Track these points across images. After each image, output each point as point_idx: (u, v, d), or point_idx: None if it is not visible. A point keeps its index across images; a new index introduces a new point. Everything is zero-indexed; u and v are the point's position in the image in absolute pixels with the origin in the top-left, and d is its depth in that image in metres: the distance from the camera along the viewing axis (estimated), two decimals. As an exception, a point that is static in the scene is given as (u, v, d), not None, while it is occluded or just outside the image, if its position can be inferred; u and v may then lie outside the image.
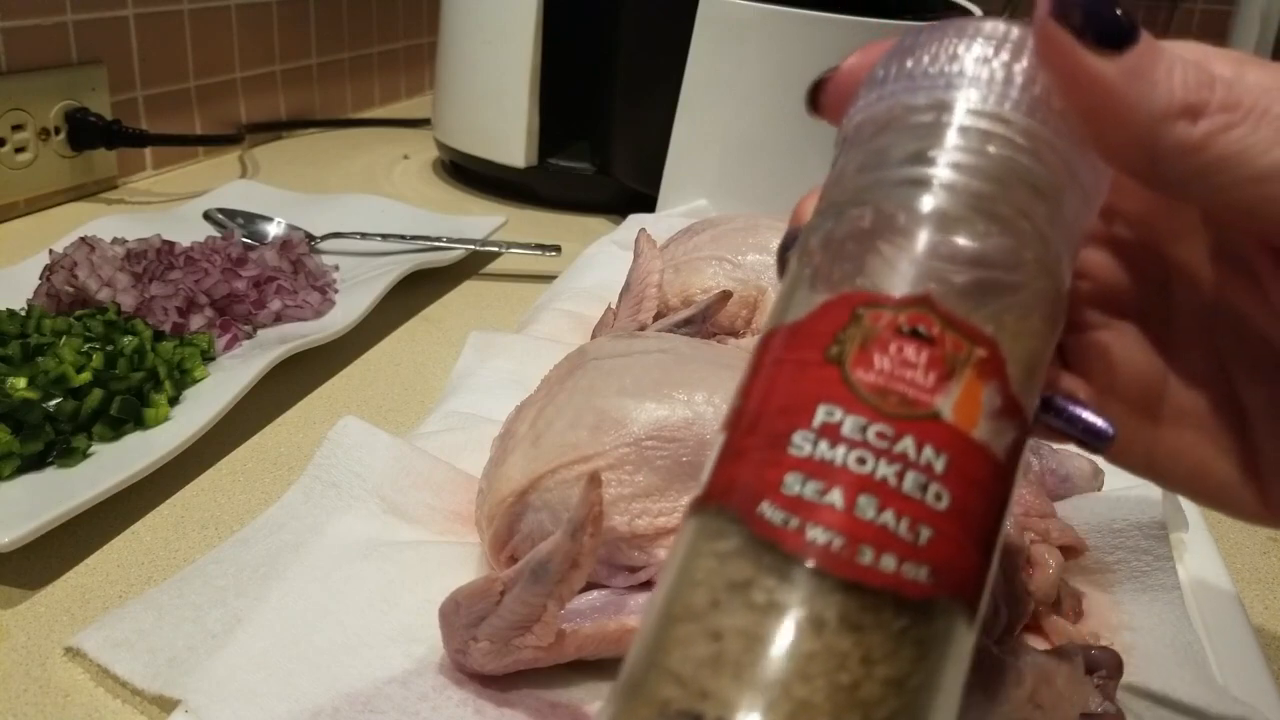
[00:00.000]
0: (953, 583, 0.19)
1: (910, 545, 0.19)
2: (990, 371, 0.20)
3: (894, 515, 0.19)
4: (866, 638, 0.18)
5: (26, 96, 0.76)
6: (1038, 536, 0.39)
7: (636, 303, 0.53)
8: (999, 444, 0.20)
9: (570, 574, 0.31)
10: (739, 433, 0.21)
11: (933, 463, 0.19)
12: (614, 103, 0.86)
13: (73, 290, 0.56)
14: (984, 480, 0.20)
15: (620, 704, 0.20)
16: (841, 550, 0.18)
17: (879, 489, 0.19)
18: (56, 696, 0.34)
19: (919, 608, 0.19)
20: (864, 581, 0.18)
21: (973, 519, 0.20)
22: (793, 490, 0.19)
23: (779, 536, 0.19)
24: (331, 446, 0.43)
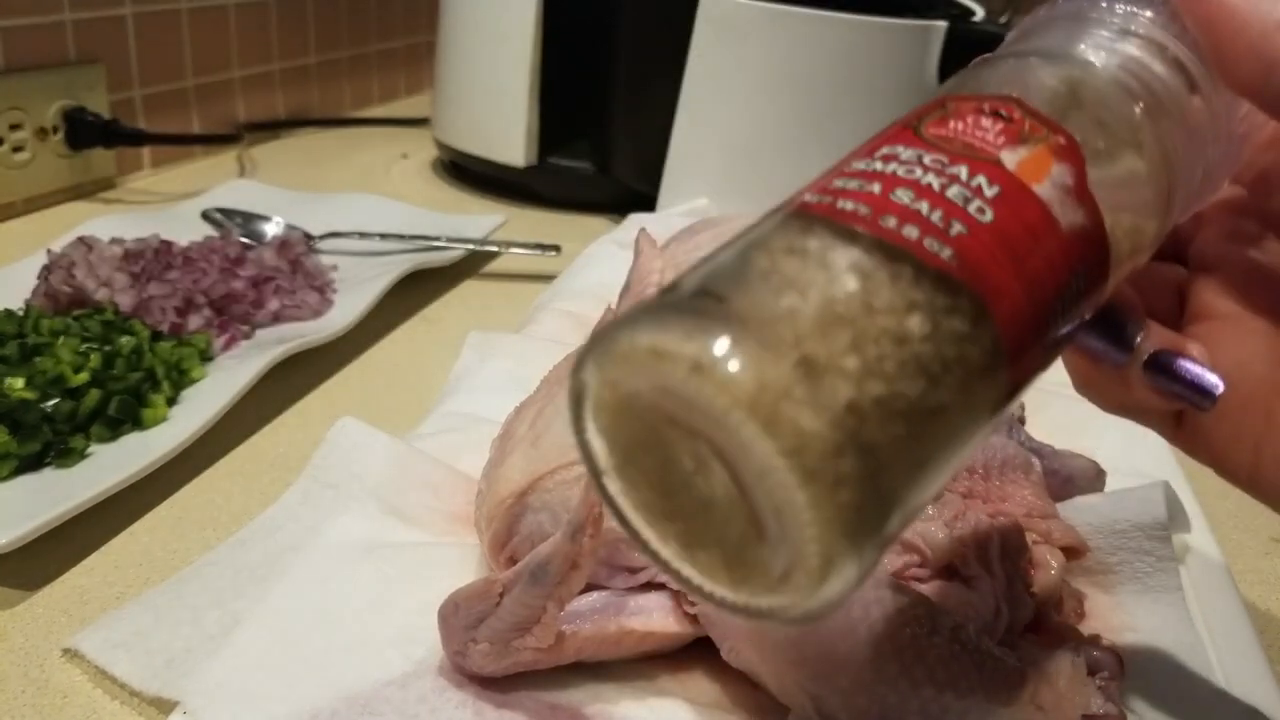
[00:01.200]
0: (981, 279, 0.19)
1: (938, 228, 0.19)
2: (1065, 156, 0.21)
3: (928, 205, 0.19)
4: (873, 286, 0.18)
5: (24, 96, 0.75)
6: (1040, 537, 0.38)
7: (636, 303, 0.53)
8: (1064, 214, 0.20)
9: (570, 575, 0.31)
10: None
11: (983, 188, 0.20)
12: (614, 102, 0.86)
13: (70, 290, 0.56)
14: (1038, 228, 0.20)
15: (642, 310, 0.19)
16: (866, 215, 0.19)
17: (919, 188, 0.20)
18: (55, 697, 0.33)
19: (937, 284, 0.19)
20: (881, 238, 0.19)
21: (1019, 249, 0.20)
22: (835, 184, 0.20)
23: (810, 208, 0.20)
24: (330, 447, 0.43)
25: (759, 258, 0.19)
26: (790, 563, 0.18)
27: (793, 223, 0.20)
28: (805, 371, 0.17)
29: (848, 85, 0.77)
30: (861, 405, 0.18)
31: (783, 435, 0.17)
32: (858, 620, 0.30)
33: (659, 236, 0.59)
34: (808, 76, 0.76)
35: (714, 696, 0.34)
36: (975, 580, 0.36)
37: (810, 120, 0.77)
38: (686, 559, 0.20)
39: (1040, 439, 0.45)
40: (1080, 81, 0.23)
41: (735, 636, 0.33)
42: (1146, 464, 0.49)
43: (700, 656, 0.35)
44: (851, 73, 0.76)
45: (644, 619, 0.34)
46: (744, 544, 0.19)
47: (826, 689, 0.30)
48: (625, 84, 0.85)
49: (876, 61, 0.77)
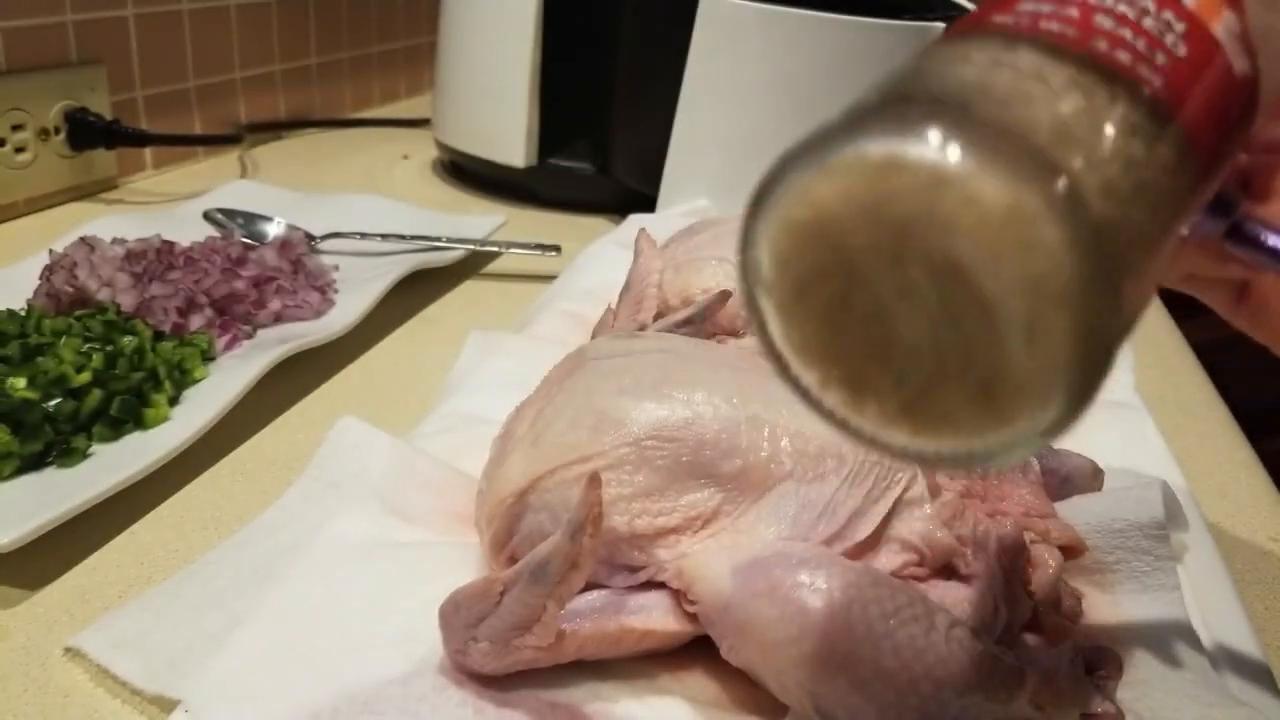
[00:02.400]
0: (1187, 113, 0.19)
1: (1145, 56, 0.19)
2: (1231, 2, 0.21)
3: (1132, 33, 0.19)
4: (1097, 105, 0.18)
5: (26, 96, 0.76)
6: (1038, 536, 0.38)
7: (636, 303, 0.53)
8: (1236, 59, 0.21)
9: (570, 575, 0.31)
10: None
11: (1172, 23, 0.20)
12: (614, 103, 0.86)
13: (72, 290, 0.56)
14: (1221, 69, 0.20)
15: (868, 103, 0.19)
16: (1075, 35, 0.19)
17: (1118, 15, 0.19)
18: (56, 697, 0.34)
19: (1152, 111, 0.18)
20: (1097, 59, 0.18)
21: (1209, 87, 0.20)
22: (1027, 8, 0.20)
23: (1010, 27, 0.19)
24: (331, 447, 0.43)
25: (966, 70, 0.18)
26: (1015, 395, 0.17)
27: (992, 40, 0.19)
28: (1058, 185, 0.17)
29: (847, 86, 0.77)
30: (1105, 227, 0.17)
31: (1038, 255, 0.16)
32: (856, 619, 0.30)
33: (659, 237, 0.59)
34: (808, 77, 0.76)
35: (713, 695, 0.34)
36: (973, 579, 0.36)
37: (810, 120, 0.77)
38: (854, 409, 0.19)
39: (1039, 438, 0.45)
40: None
41: (734, 635, 0.33)
42: (1145, 463, 0.49)
43: (700, 655, 0.35)
44: (851, 73, 0.77)
45: (644, 617, 0.34)
46: (934, 386, 0.18)
47: (825, 687, 0.30)
48: (625, 84, 0.85)
49: (876, 62, 0.77)
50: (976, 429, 0.18)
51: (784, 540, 0.34)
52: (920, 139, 0.16)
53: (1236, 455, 0.55)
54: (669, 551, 0.35)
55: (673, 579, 0.35)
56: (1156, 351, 0.68)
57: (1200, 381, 0.64)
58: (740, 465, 0.35)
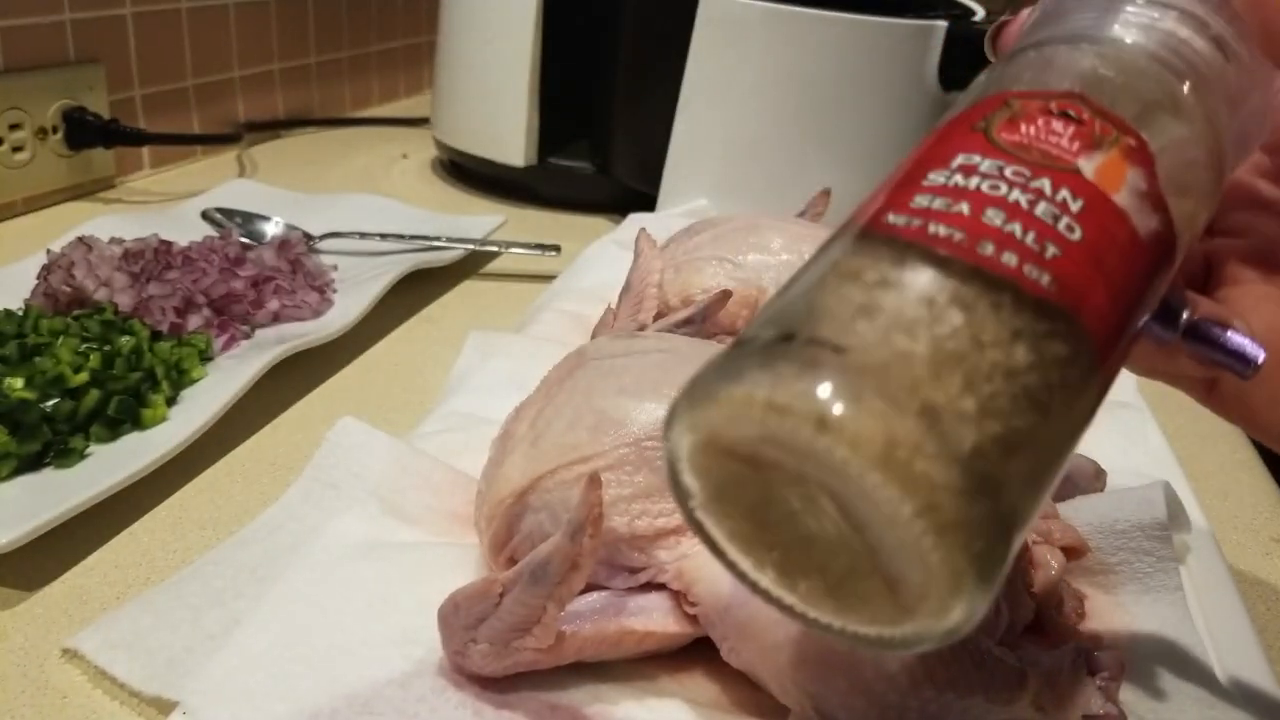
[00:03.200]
0: (1078, 302, 0.19)
1: (1035, 252, 0.19)
2: (1137, 159, 0.21)
3: (1021, 227, 0.19)
4: (979, 319, 0.18)
5: (24, 95, 0.75)
6: (1039, 537, 0.38)
7: (636, 303, 0.53)
8: (1142, 221, 0.20)
9: (570, 575, 0.31)
10: (877, 189, 0.21)
11: (1068, 202, 0.19)
12: (614, 102, 0.86)
13: (70, 290, 0.56)
14: (1122, 241, 0.20)
15: (730, 360, 0.19)
16: (961, 241, 0.19)
17: (1009, 207, 0.19)
18: (54, 698, 0.33)
19: (1039, 312, 0.18)
20: (981, 267, 0.18)
21: (1108, 265, 0.19)
22: (920, 204, 0.19)
23: (899, 231, 0.19)
24: (330, 447, 0.43)
25: (853, 292, 0.19)
26: (916, 600, 0.18)
27: (882, 250, 0.19)
28: (929, 421, 0.17)
29: (848, 85, 0.77)
30: (984, 448, 0.17)
31: (916, 491, 0.17)
32: (858, 620, 0.30)
33: (659, 236, 0.59)
34: (808, 76, 0.76)
35: (714, 696, 0.34)
36: (975, 580, 0.36)
37: (810, 120, 0.77)
38: (786, 587, 0.20)
39: (1040, 439, 0.45)
40: (1129, 66, 0.22)
41: (735, 637, 0.33)
42: (1146, 464, 0.49)
43: (700, 656, 0.35)
44: (851, 73, 0.76)
45: (644, 619, 0.34)
46: (851, 576, 0.19)
47: (826, 689, 0.30)
48: (625, 84, 0.85)
49: (876, 61, 0.77)
50: (891, 619, 0.19)
51: (785, 541, 0.34)
52: (795, 384, 0.18)
53: (1238, 456, 0.55)
54: (669, 553, 0.35)
55: (673, 580, 0.35)
56: (1157, 352, 0.67)
57: (1201, 382, 0.64)
58: (741, 466, 0.35)
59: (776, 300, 0.20)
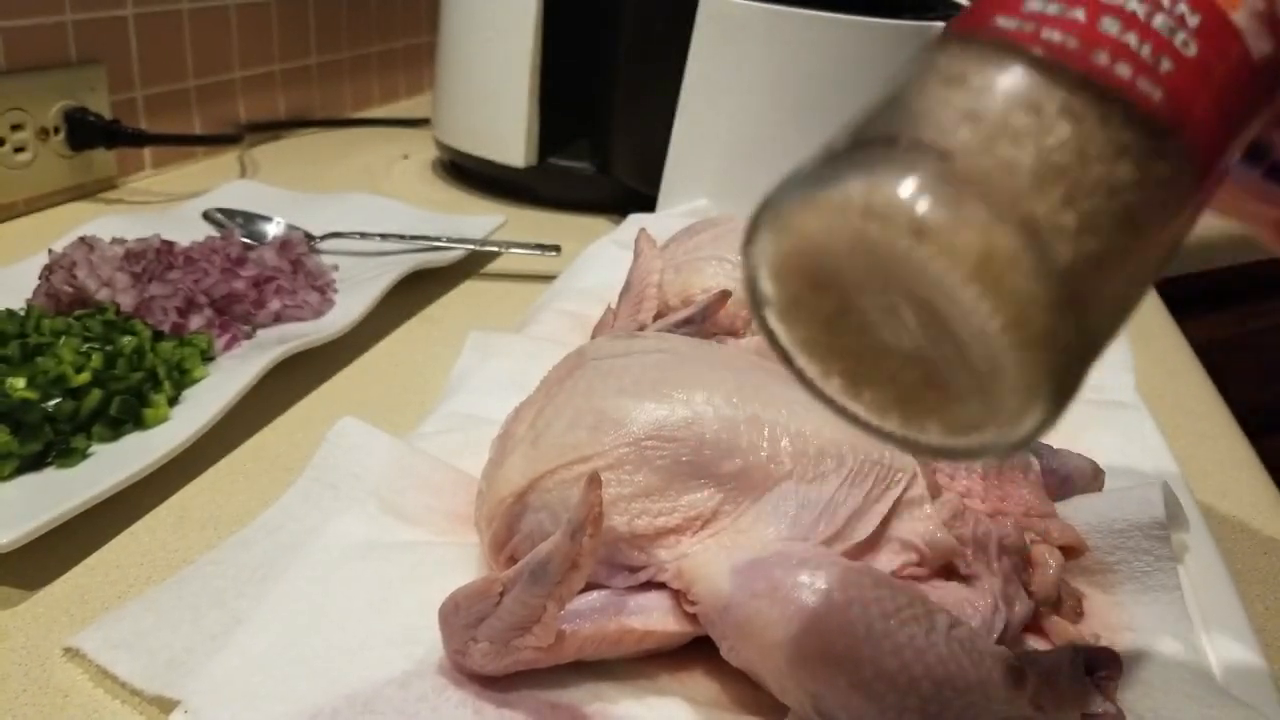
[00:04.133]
0: (1187, 121, 0.19)
1: (1149, 65, 0.18)
2: None
3: (1138, 38, 0.18)
4: (1086, 131, 0.18)
5: (25, 96, 0.76)
6: (1038, 537, 0.38)
7: (636, 303, 0.53)
8: (1257, 44, 0.20)
9: (570, 575, 0.31)
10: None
11: (1186, 16, 0.19)
12: (614, 103, 0.86)
13: (72, 290, 0.56)
14: (1234, 62, 0.19)
15: (820, 161, 0.19)
16: (1076, 48, 0.18)
17: (1126, 16, 0.19)
18: (55, 697, 0.34)
19: (1147, 128, 0.18)
20: (1094, 77, 0.18)
21: (1218, 86, 0.19)
22: (1033, 8, 0.19)
23: (1010, 35, 0.19)
24: (330, 447, 0.43)
25: (958, 97, 0.18)
26: (989, 413, 0.18)
27: (990, 54, 0.19)
28: (1029, 235, 0.17)
29: (848, 85, 0.77)
30: (1079, 265, 0.17)
31: (1008, 305, 0.17)
32: (856, 619, 0.30)
33: (659, 236, 0.59)
34: (808, 77, 0.76)
35: (713, 695, 0.34)
36: (974, 579, 0.36)
37: (810, 120, 0.77)
38: (851, 396, 0.20)
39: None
40: None
41: (734, 636, 0.33)
42: (1145, 464, 0.49)
43: (700, 655, 0.35)
44: (851, 73, 0.76)
45: (644, 618, 0.34)
46: (921, 388, 0.19)
47: (825, 688, 0.30)
48: (625, 84, 0.85)
49: (876, 62, 0.77)
50: (959, 429, 0.19)
51: (784, 540, 0.34)
52: (897, 189, 0.17)
53: (1236, 455, 0.55)
54: (669, 552, 0.35)
55: (673, 579, 0.35)
56: (1156, 351, 0.68)
57: (1200, 381, 0.64)
58: (740, 465, 0.35)
59: (870, 107, 0.20)
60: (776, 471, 0.35)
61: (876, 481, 0.36)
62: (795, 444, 0.36)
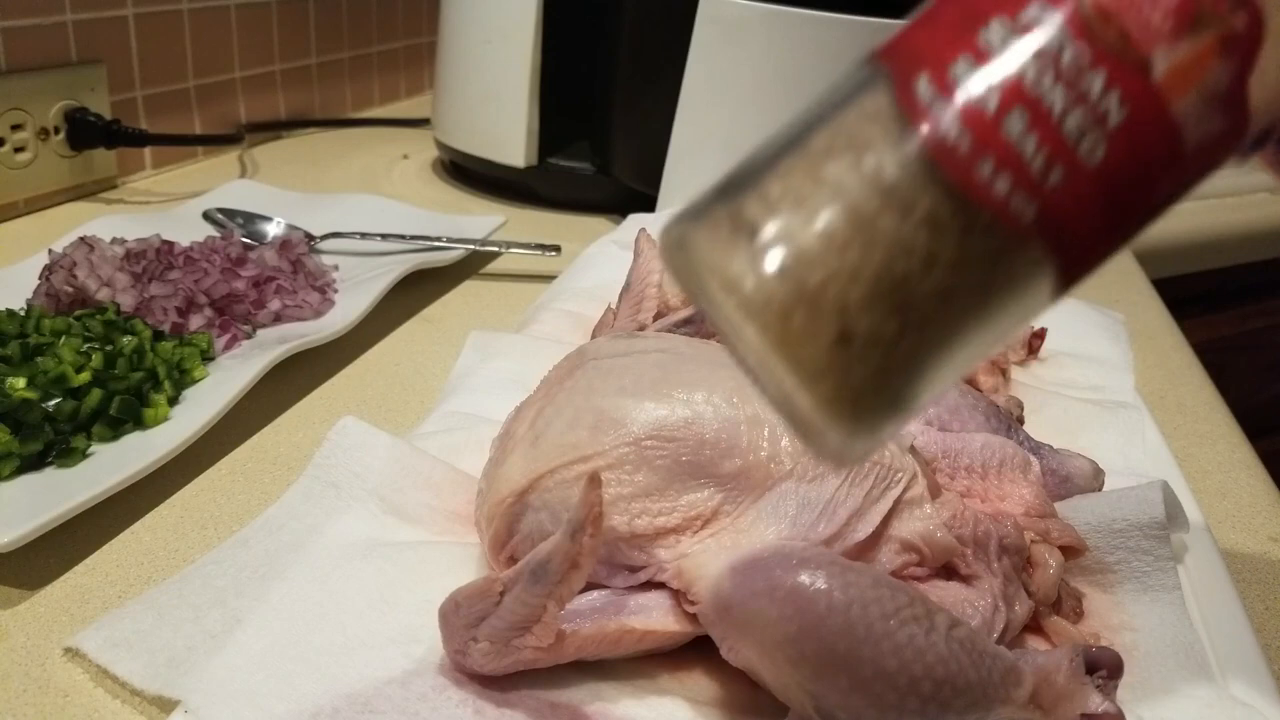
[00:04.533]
0: (1058, 237, 0.18)
1: (1033, 180, 0.18)
2: (1236, 48, 0.19)
3: (1035, 143, 0.18)
4: (942, 242, 0.18)
5: (26, 96, 0.76)
6: (1038, 536, 0.38)
7: (636, 303, 0.53)
8: (1195, 130, 0.19)
9: (570, 574, 0.31)
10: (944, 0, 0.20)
11: (1108, 114, 0.18)
12: (614, 103, 0.86)
13: (72, 290, 0.56)
14: (1154, 159, 0.18)
15: (707, 195, 0.20)
16: (964, 153, 0.18)
17: (1037, 111, 0.18)
18: (56, 697, 0.34)
19: (1008, 241, 0.18)
20: (968, 193, 0.18)
21: (1117, 192, 0.18)
22: (955, 74, 0.18)
23: (915, 115, 0.18)
24: (331, 447, 0.43)
25: (834, 169, 0.18)
26: (798, 428, 0.19)
27: (893, 126, 0.18)
28: (843, 341, 0.17)
29: (848, 85, 0.77)
30: (890, 365, 0.18)
31: (816, 389, 0.17)
32: (856, 619, 0.30)
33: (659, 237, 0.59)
34: (808, 76, 0.76)
35: (713, 695, 0.34)
36: (974, 579, 0.36)
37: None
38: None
39: (1039, 438, 0.45)
40: None
41: (734, 636, 0.33)
42: (1145, 464, 0.49)
43: (700, 655, 0.35)
44: (851, 73, 0.76)
45: (644, 618, 0.34)
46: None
47: (825, 688, 0.30)
48: (625, 84, 0.85)
49: (876, 62, 0.77)
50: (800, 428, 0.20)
51: (784, 540, 0.34)
52: (730, 255, 0.18)
53: (1236, 455, 0.55)
54: (669, 551, 0.35)
55: (673, 579, 0.35)
56: (1156, 351, 0.68)
57: (1200, 381, 0.64)
58: (740, 465, 0.35)
59: (772, 139, 0.20)
60: (776, 471, 0.35)
61: (876, 481, 0.36)
62: (795, 443, 0.36)
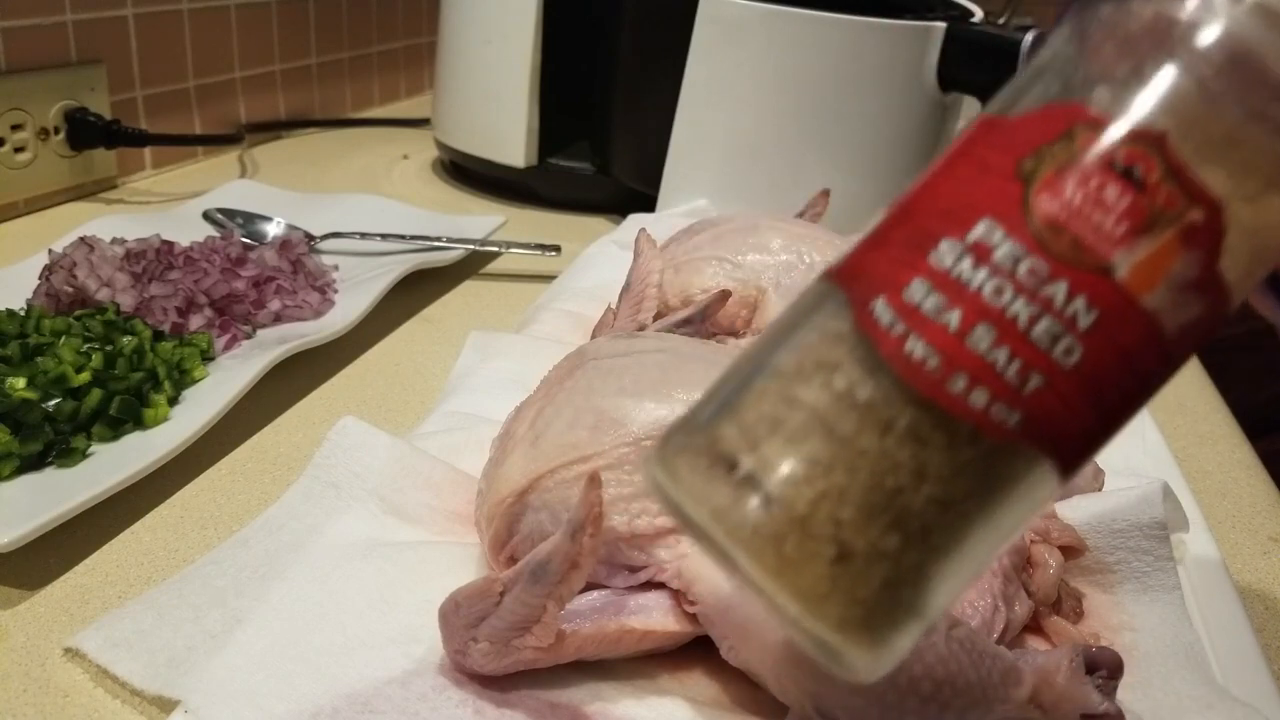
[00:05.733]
0: (1047, 438, 0.18)
1: (1010, 389, 0.17)
2: (1198, 239, 0.18)
3: (1007, 354, 0.17)
4: (927, 454, 0.17)
5: (26, 96, 0.76)
6: (1038, 536, 0.38)
7: (636, 303, 0.53)
8: (1173, 318, 0.18)
9: (570, 575, 0.31)
10: (893, 218, 0.19)
11: (1078, 317, 0.17)
12: (614, 103, 0.86)
13: (72, 290, 0.56)
14: (1134, 350, 0.18)
15: (680, 426, 0.20)
16: (934, 370, 0.17)
17: (1003, 325, 0.17)
18: (56, 697, 0.34)
19: (996, 448, 0.17)
20: (944, 408, 0.17)
21: (1103, 385, 0.18)
22: (912, 298, 0.18)
23: (879, 337, 0.18)
24: (331, 447, 0.43)
25: (810, 394, 0.18)
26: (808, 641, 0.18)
27: (858, 352, 0.18)
28: (841, 561, 0.17)
29: (847, 86, 0.77)
30: (897, 578, 0.17)
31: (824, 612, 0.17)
32: (856, 619, 0.30)
33: (659, 237, 0.59)
34: (807, 77, 0.76)
35: (713, 695, 0.34)
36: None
37: (809, 121, 0.77)
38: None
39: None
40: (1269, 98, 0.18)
41: (734, 636, 0.33)
42: (1145, 464, 0.49)
43: (700, 655, 0.35)
44: (851, 73, 0.77)
45: (644, 618, 0.34)
46: None
47: (825, 688, 0.30)
48: (625, 84, 0.85)
49: (876, 62, 0.77)
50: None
51: (784, 540, 0.34)
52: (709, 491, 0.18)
53: (1236, 455, 0.55)
54: (669, 551, 0.35)
55: (673, 579, 0.35)
56: (1156, 352, 0.68)
57: (1200, 381, 0.64)
58: (740, 465, 0.35)
59: (755, 346, 0.20)
60: (776, 471, 0.35)
61: (876, 481, 0.36)
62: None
